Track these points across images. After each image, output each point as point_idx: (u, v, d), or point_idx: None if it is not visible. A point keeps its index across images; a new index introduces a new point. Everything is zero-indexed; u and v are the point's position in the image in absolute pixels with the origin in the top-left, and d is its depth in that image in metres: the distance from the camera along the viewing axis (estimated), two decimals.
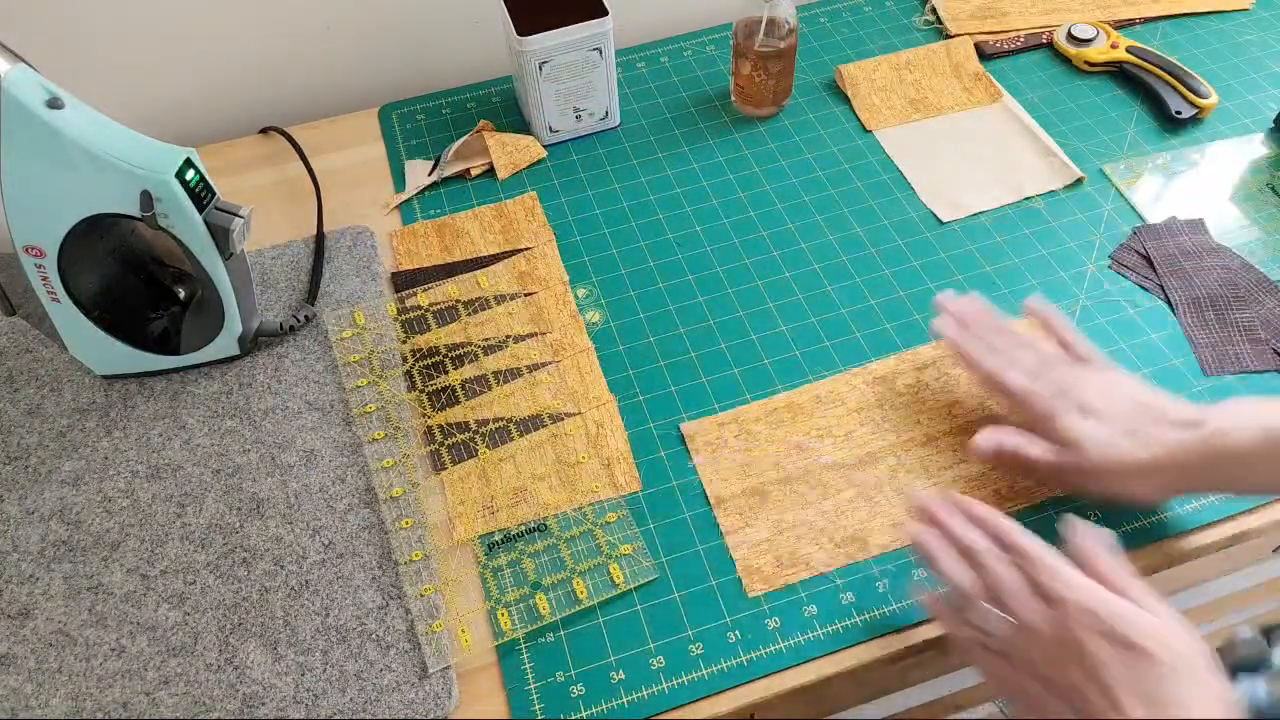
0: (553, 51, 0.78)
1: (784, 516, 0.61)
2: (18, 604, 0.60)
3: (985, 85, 0.88)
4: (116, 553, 0.62)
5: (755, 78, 0.83)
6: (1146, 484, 0.56)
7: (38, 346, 0.73)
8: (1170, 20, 0.93)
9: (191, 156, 0.60)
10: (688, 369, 0.69)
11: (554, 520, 0.62)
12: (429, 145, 0.86)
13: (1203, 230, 0.75)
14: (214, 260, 0.63)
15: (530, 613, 0.58)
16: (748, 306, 0.73)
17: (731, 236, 0.78)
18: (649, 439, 0.66)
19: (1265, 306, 0.70)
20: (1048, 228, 0.77)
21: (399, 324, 0.73)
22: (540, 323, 0.72)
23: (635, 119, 0.88)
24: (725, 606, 0.58)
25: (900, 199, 0.80)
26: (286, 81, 0.91)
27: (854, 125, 0.86)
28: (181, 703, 0.55)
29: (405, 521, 0.62)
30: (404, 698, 0.55)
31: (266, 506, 0.63)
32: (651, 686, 0.55)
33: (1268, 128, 0.82)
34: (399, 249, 0.78)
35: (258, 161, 0.86)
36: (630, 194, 0.82)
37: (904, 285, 0.73)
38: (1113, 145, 0.82)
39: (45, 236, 0.61)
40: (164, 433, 0.67)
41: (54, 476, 0.65)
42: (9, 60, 0.56)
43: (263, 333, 0.71)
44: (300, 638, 0.57)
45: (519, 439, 0.66)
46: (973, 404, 0.66)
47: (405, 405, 0.68)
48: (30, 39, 0.76)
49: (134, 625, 0.58)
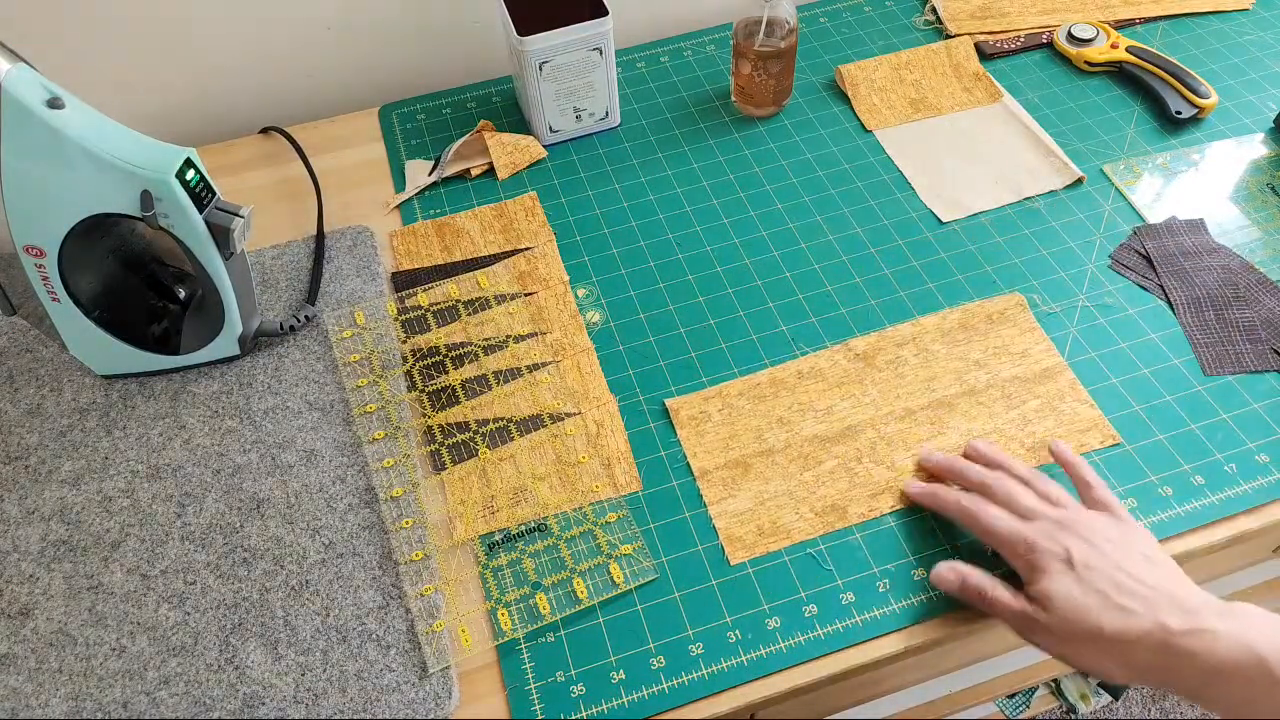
0: (553, 51, 0.78)
1: (766, 488, 0.62)
2: (18, 604, 0.60)
3: (985, 85, 0.88)
4: (116, 553, 0.62)
5: (755, 78, 0.83)
6: (1109, 661, 0.50)
7: (38, 346, 0.73)
8: (1170, 20, 0.93)
9: (191, 156, 0.60)
10: (688, 369, 0.69)
11: (554, 520, 0.62)
12: (429, 145, 0.87)
13: (1203, 230, 0.75)
14: (214, 260, 0.63)
15: (530, 613, 0.58)
16: (748, 306, 0.73)
17: (731, 236, 0.78)
18: (649, 439, 0.66)
19: (1265, 306, 0.70)
20: (1048, 228, 0.77)
21: (399, 324, 0.73)
22: (540, 323, 0.72)
23: (635, 119, 0.88)
24: (725, 606, 0.58)
25: (900, 199, 0.80)
26: (286, 81, 0.91)
27: (854, 125, 0.86)
28: (182, 703, 0.55)
29: (405, 521, 0.62)
30: (404, 698, 0.55)
31: (266, 506, 0.63)
32: (651, 686, 0.55)
33: (1268, 128, 0.82)
34: (399, 249, 0.78)
35: (258, 161, 0.86)
36: (630, 194, 0.82)
37: (904, 285, 0.73)
38: (1113, 145, 0.82)
39: (45, 236, 0.61)
40: (164, 433, 0.67)
41: (54, 476, 0.65)
42: (9, 60, 0.56)
43: (263, 333, 0.71)
44: (300, 637, 0.57)
45: (519, 439, 0.66)
46: (949, 379, 0.67)
47: (405, 405, 0.68)
48: (30, 39, 0.76)
49: (134, 625, 0.59)
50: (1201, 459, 0.63)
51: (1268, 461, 0.62)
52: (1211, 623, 0.48)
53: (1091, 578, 0.51)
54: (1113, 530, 0.53)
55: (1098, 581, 0.50)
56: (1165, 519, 0.60)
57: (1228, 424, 0.64)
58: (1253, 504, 0.61)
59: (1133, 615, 0.49)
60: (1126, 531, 0.54)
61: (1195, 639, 0.48)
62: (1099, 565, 0.51)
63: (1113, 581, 0.50)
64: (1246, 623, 0.48)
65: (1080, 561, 0.51)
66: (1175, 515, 0.60)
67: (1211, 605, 0.49)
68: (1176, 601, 0.49)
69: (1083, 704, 1.27)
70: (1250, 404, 0.65)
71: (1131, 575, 0.51)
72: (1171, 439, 0.64)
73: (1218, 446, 0.63)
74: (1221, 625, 0.48)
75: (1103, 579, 0.50)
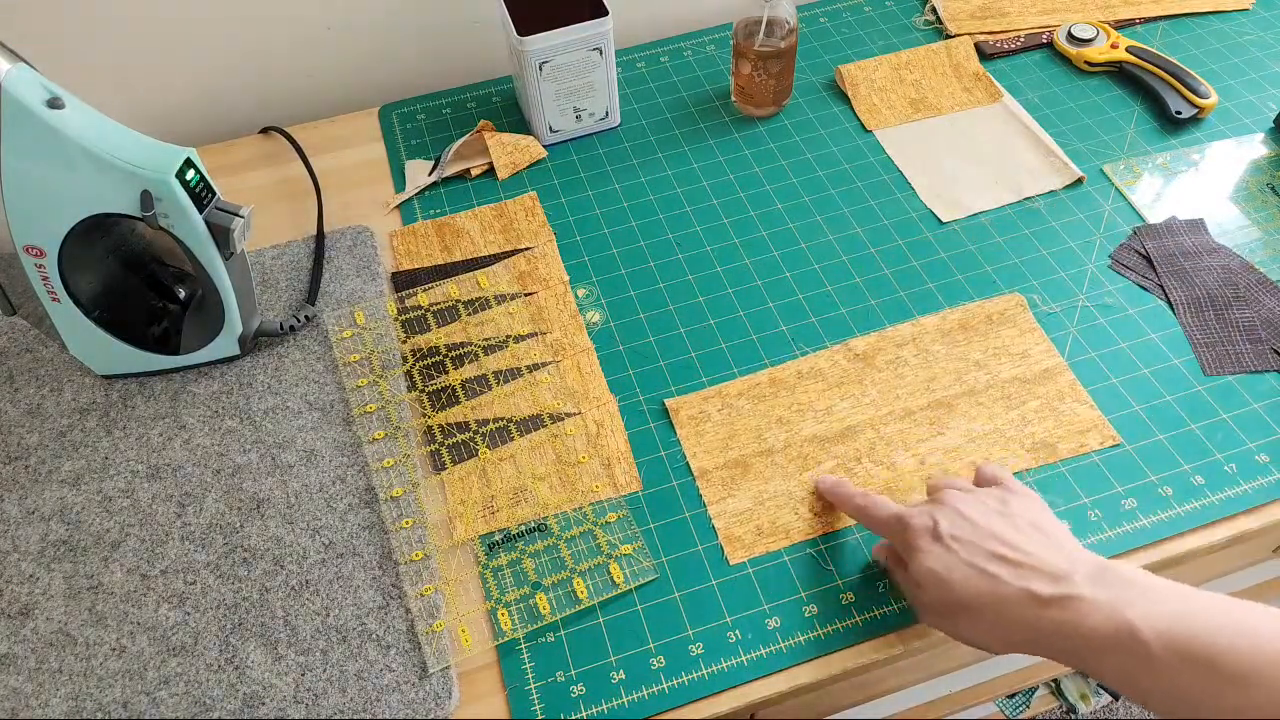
0: (553, 51, 0.78)
1: (765, 487, 0.62)
2: (18, 604, 0.60)
3: (985, 85, 0.88)
4: (116, 552, 0.62)
5: (755, 78, 0.83)
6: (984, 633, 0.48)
7: (38, 346, 0.73)
8: (1170, 20, 0.93)
9: (191, 156, 0.60)
10: (688, 369, 0.69)
11: (554, 520, 0.62)
12: (429, 145, 0.87)
13: (1203, 230, 0.75)
14: (214, 260, 0.63)
15: (530, 612, 0.58)
16: (748, 306, 0.73)
17: (731, 236, 0.78)
18: (649, 439, 0.66)
19: (1265, 306, 0.70)
20: (1048, 228, 0.77)
21: (399, 324, 0.73)
22: (540, 323, 0.72)
23: (635, 119, 0.88)
24: (725, 606, 0.58)
25: (900, 199, 0.80)
26: (287, 81, 0.91)
27: (854, 125, 0.86)
28: (182, 703, 0.55)
29: (405, 521, 0.62)
30: (404, 697, 0.55)
31: (266, 506, 0.63)
32: (651, 686, 0.55)
33: (1268, 128, 0.82)
34: (399, 249, 0.78)
35: (258, 161, 0.86)
36: (630, 194, 0.82)
37: (904, 285, 0.73)
38: (1113, 145, 0.82)
39: (45, 236, 0.61)
40: (164, 433, 0.67)
41: (54, 476, 0.65)
42: (9, 60, 0.56)
43: (263, 333, 0.71)
44: (300, 637, 0.57)
45: (519, 439, 0.66)
46: (949, 379, 0.67)
47: (405, 405, 0.68)
48: (30, 39, 0.76)
49: (134, 625, 0.59)
50: (1201, 459, 0.63)
51: (1268, 461, 0.62)
52: (1082, 589, 0.45)
53: (959, 549, 0.49)
54: (992, 500, 0.52)
55: (965, 552, 0.49)
56: (1165, 519, 0.60)
57: (1228, 424, 0.64)
58: (1253, 504, 0.61)
59: (999, 582, 0.47)
60: (1010, 501, 0.52)
61: (1062, 608, 0.45)
62: (967, 536, 0.49)
63: (983, 550, 0.49)
64: (1120, 591, 0.45)
65: (947, 533, 0.50)
66: (1175, 515, 0.60)
67: (1086, 569, 0.47)
68: (1048, 567, 0.47)
69: (1083, 704, 1.27)
70: (1250, 404, 0.65)
71: (1005, 542, 0.49)
72: (1171, 439, 0.64)
73: (1218, 446, 0.63)
74: (1092, 593, 0.45)
75: (971, 549, 0.49)
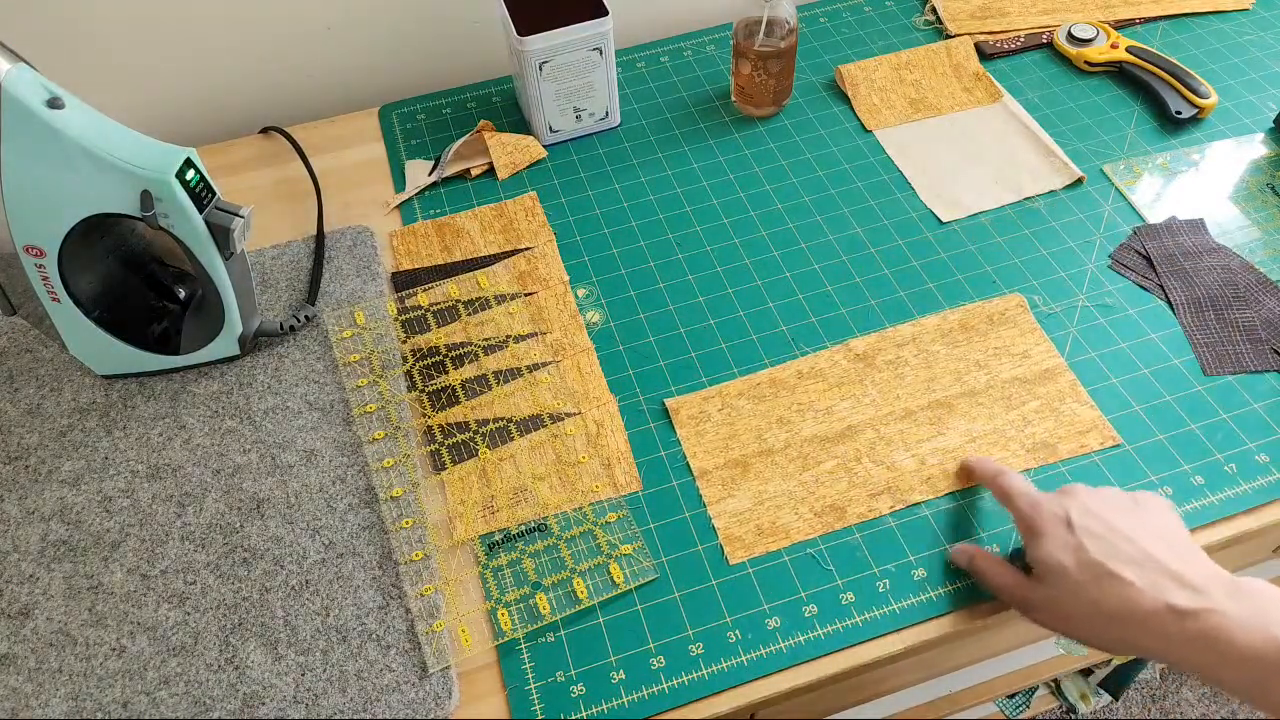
0: (553, 51, 0.78)
1: (765, 487, 0.62)
2: (18, 604, 0.60)
3: (985, 85, 0.88)
4: (116, 553, 0.62)
5: (755, 78, 0.83)
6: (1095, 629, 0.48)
7: (38, 346, 0.73)
8: (1170, 20, 0.93)
9: (191, 156, 0.60)
10: (688, 369, 0.69)
11: (554, 520, 0.62)
12: (429, 145, 0.87)
13: (1203, 230, 0.75)
14: (214, 260, 0.63)
15: (530, 612, 0.58)
16: (748, 306, 0.73)
17: (731, 236, 0.78)
18: (649, 439, 0.66)
19: (1265, 306, 0.70)
20: (1048, 228, 0.77)
21: (399, 324, 0.73)
22: (540, 323, 0.72)
23: (635, 119, 0.88)
24: (725, 606, 0.58)
25: (900, 199, 0.80)
26: (286, 81, 0.91)
27: (854, 125, 0.86)
28: (182, 703, 0.55)
29: (405, 521, 0.62)
30: (404, 697, 0.55)
31: (266, 506, 0.63)
32: (651, 686, 0.55)
33: (1268, 128, 0.82)
34: (399, 249, 0.78)
35: (258, 161, 0.86)
36: (630, 194, 0.82)
37: (904, 285, 0.73)
38: (1113, 145, 0.82)
39: (45, 236, 0.61)
40: (164, 433, 0.67)
41: (54, 476, 0.65)
42: (9, 60, 0.56)
43: (263, 333, 0.71)
44: (300, 637, 0.57)
45: (519, 439, 0.66)
46: (949, 380, 0.67)
47: (405, 405, 0.68)
48: (30, 39, 0.77)
49: (134, 625, 0.59)
50: (1201, 459, 0.63)
51: (1268, 461, 0.62)
52: (1222, 604, 0.45)
53: (1089, 543, 0.48)
54: (1124, 500, 0.51)
55: (1094, 548, 0.48)
56: None
57: (1228, 424, 0.64)
58: (1253, 504, 0.61)
59: (1131, 588, 0.46)
60: (1143, 502, 0.51)
61: (1201, 621, 0.45)
62: (1099, 531, 0.48)
63: (1114, 549, 0.47)
64: (1260, 604, 0.45)
65: (1079, 524, 0.49)
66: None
67: (1221, 583, 0.46)
68: (1183, 578, 0.46)
69: (1083, 704, 1.27)
70: (1250, 404, 0.65)
71: (1136, 545, 0.47)
72: (1171, 439, 0.64)
73: (1218, 446, 0.63)
74: (1233, 608, 0.45)
75: (1101, 547, 0.48)
